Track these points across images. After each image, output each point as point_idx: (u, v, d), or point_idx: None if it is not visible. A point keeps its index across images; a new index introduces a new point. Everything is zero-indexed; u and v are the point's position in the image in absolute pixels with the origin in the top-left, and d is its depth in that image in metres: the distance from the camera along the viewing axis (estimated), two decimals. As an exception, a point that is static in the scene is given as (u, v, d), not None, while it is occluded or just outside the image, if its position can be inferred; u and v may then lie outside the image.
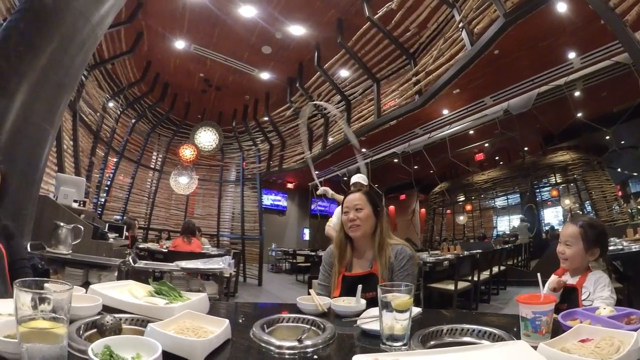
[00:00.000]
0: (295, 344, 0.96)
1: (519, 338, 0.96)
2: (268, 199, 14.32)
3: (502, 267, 7.15)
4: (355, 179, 3.91)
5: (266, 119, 8.99)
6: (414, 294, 1.62)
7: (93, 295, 1.16)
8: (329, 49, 6.42)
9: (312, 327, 1.14)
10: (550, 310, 0.95)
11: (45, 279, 0.74)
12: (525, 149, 11.28)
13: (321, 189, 4.11)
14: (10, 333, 0.76)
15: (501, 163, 13.17)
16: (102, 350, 0.76)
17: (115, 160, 8.16)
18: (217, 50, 6.99)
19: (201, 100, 9.21)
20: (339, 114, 5.50)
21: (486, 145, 10.94)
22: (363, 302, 1.36)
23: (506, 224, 12.79)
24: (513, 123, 7.51)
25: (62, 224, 3.08)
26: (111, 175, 8.12)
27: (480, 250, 6.35)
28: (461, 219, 14.04)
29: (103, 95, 7.20)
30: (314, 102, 6.66)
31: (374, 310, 1.21)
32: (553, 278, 1.66)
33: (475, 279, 5.25)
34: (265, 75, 7.77)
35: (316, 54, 6.65)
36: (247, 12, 5.85)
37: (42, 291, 0.69)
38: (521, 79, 6.62)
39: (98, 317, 1.00)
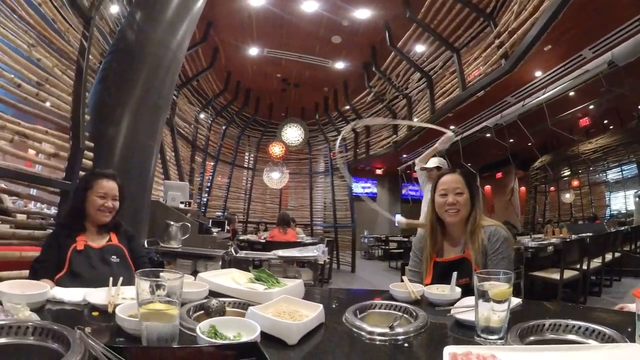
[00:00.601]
0: (387, 330, 0.95)
1: (633, 340, 0.81)
2: (358, 187, 14.32)
3: (617, 254, 6.00)
4: (433, 162, 3.62)
5: (347, 107, 8.99)
6: (514, 283, 1.48)
7: (201, 282, 1.30)
8: (399, 26, 6.13)
9: (404, 315, 1.12)
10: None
11: (160, 269, 0.86)
12: (640, 106, 9.37)
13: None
14: (133, 313, 0.88)
15: (611, 127, 10.66)
16: (208, 329, 0.84)
17: (212, 164, 8.99)
18: (289, 49, 7.15)
19: (282, 99, 9.57)
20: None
21: (591, 107, 9.08)
22: (458, 290, 1.29)
23: (621, 201, 10.47)
24: (621, 76, 6.18)
25: (172, 222, 3.46)
26: (210, 177, 8.96)
27: (590, 234, 5.46)
28: (567, 196, 11.97)
29: (194, 109, 7.97)
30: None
31: (470, 300, 1.13)
32: None
33: (585, 267, 4.53)
34: (340, 65, 7.76)
35: (387, 34, 6.39)
36: (309, 6, 5.86)
37: (158, 279, 0.80)
38: (625, 21, 5.35)
39: (205, 300, 1.11)
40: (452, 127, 9.24)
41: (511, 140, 10.05)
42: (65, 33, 2.72)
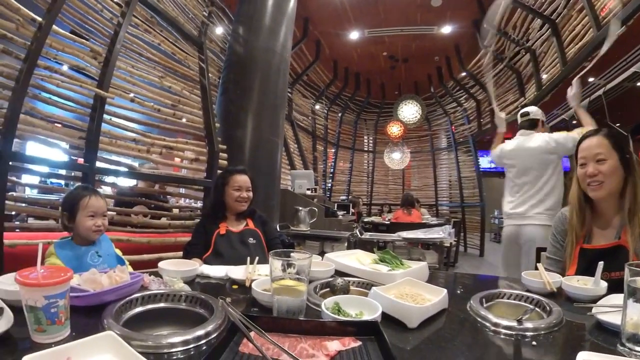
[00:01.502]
0: (514, 324, 0.86)
1: None
2: (486, 161, 13.15)
3: None
4: (523, 112, 2.86)
5: (464, 74, 8.23)
6: None
7: (327, 262, 1.39)
8: (507, -34, 5.28)
9: (536, 308, 1.00)
10: None
11: (291, 250, 0.94)
12: None
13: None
14: (266, 288, 0.99)
15: None
16: (332, 305, 0.90)
17: (333, 150, 9.33)
18: (390, 25, 6.85)
19: (393, 77, 9.29)
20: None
21: None
22: (604, 284, 1.08)
23: None
24: None
25: (300, 208, 3.78)
26: (332, 163, 9.33)
27: None
28: None
29: (308, 101, 8.37)
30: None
31: (618, 298, 0.93)
32: None
33: None
34: (447, 30, 7.10)
35: (493, -19, 5.56)
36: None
37: (289, 259, 0.88)
38: None
39: (331, 279, 1.17)
40: (591, 80, 7.61)
41: None
42: (185, 61, 3.21)
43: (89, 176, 2.26)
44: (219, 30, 4.22)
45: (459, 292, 1.29)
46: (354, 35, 7.22)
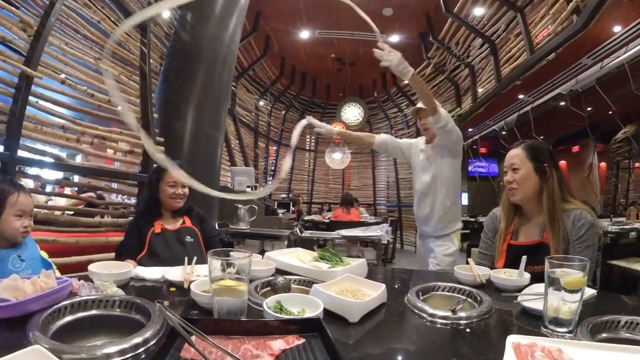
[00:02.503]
0: (449, 314, 0.92)
1: None
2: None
3: None
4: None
5: (406, 82, 8.65)
6: (590, 271, 1.32)
7: (268, 261, 1.37)
8: (454, -11, 5.68)
9: (468, 299, 1.08)
10: None
11: (230, 249, 0.92)
12: None
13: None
14: (205, 289, 0.96)
15: None
16: (274, 304, 0.89)
17: (274, 148, 9.25)
18: (341, 28, 6.98)
19: (339, 79, 9.44)
20: None
21: None
22: (526, 275, 1.20)
23: None
24: None
25: (240, 205, 3.65)
26: (274, 161, 9.24)
27: None
28: None
29: (253, 97, 8.22)
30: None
31: (539, 287, 1.05)
32: None
33: None
34: (394, 39, 7.41)
35: (441, 0, 5.98)
36: (356, -19, 5.63)
37: (228, 258, 0.86)
38: None
39: (272, 278, 1.16)
40: (521, 96, 8.47)
41: (589, 109, 8.85)
42: (126, 43, 2.96)
43: (9, 167, 1.96)
44: (166, 14, 3.95)
45: (396, 286, 1.35)
46: (305, 34, 7.23)
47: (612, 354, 0.66)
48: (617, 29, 6.08)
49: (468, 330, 0.87)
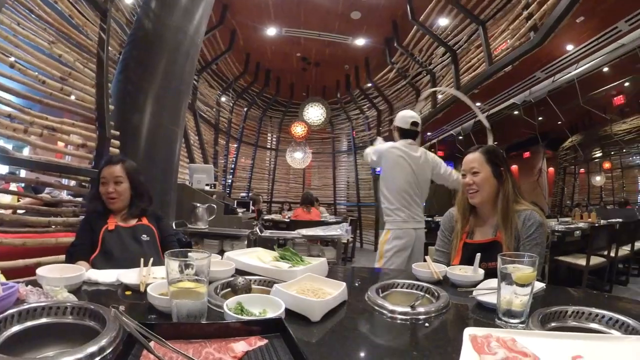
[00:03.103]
0: (408, 309, 0.96)
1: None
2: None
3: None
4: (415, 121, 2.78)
5: (370, 85, 8.81)
6: (540, 267, 1.43)
7: (227, 261, 1.35)
8: (421, -2, 5.89)
9: (426, 295, 1.12)
10: None
11: (188, 249, 0.89)
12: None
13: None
14: (163, 292, 0.93)
15: (648, 107, 9.91)
16: (235, 305, 0.88)
17: (235, 146, 9.09)
18: (308, 27, 7.02)
19: (303, 78, 9.46)
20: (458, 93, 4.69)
21: (626, 84, 8.31)
22: (481, 271, 1.27)
23: (656, 186, 9.87)
24: (660, 51, 5.80)
25: (198, 204, 3.55)
26: (234, 159, 9.09)
27: (620, 220, 5.22)
28: (597, 179, 11.41)
29: (215, 92, 8.04)
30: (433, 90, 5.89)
31: (493, 282, 1.12)
32: None
33: (612, 254, 4.32)
34: (360, 42, 7.56)
35: (408, 8, 6.14)
36: (327, -18, 5.67)
37: (186, 259, 0.84)
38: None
39: (232, 278, 1.14)
40: (478, 104, 8.89)
41: (540, 119, 9.60)
42: (84, 27, 2.77)
43: (-52, 159, 1.75)
44: (129, -1, 3.75)
45: (357, 284, 1.37)
46: (272, 31, 7.18)
47: (561, 342, 0.71)
48: (569, 47, 6.63)
49: (427, 324, 0.91)
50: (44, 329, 0.79)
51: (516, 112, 9.05)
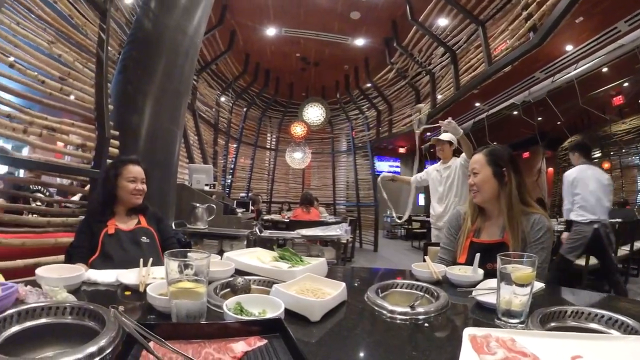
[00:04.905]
0: (408, 310, 0.96)
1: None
2: (381, 166, 14.20)
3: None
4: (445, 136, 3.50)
5: (369, 85, 8.81)
6: (544, 268, 1.42)
7: (227, 261, 1.35)
8: (421, -2, 5.90)
9: (426, 295, 1.12)
10: None
11: (188, 249, 0.89)
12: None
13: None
14: (163, 292, 0.93)
15: (647, 107, 9.85)
16: (234, 305, 0.88)
17: (235, 146, 9.07)
18: (307, 27, 7.01)
19: (302, 78, 9.45)
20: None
21: (626, 85, 8.27)
22: (480, 272, 1.27)
23: (655, 186, 9.75)
24: (659, 51, 5.81)
25: (197, 204, 3.57)
26: (233, 159, 9.06)
27: (619, 220, 5.15)
28: None
29: (214, 92, 8.02)
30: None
31: (492, 282, 1.12)
32: None
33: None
34: (360, 42, 7.56)
35: (408, 8, 6.15)
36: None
37: (186, 259, 0.84)
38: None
39: (231, 278, 1.14)
40: (477, 104, 8.92)
41: (539, 119, 9.59)
42: (83, 27, 2.76)
43: (-53, 158, 1.74)
44: (129, -1, 3.75)
45: (356, 284, 1.37)
46: (271, 31, 7.17)
47: (561, 341, 0.72)
48: (569, 47, 6.64)
49: (426, 324, 0.91)
50: (43, 329, 0.79)
51: (515, 113, 9.05)
